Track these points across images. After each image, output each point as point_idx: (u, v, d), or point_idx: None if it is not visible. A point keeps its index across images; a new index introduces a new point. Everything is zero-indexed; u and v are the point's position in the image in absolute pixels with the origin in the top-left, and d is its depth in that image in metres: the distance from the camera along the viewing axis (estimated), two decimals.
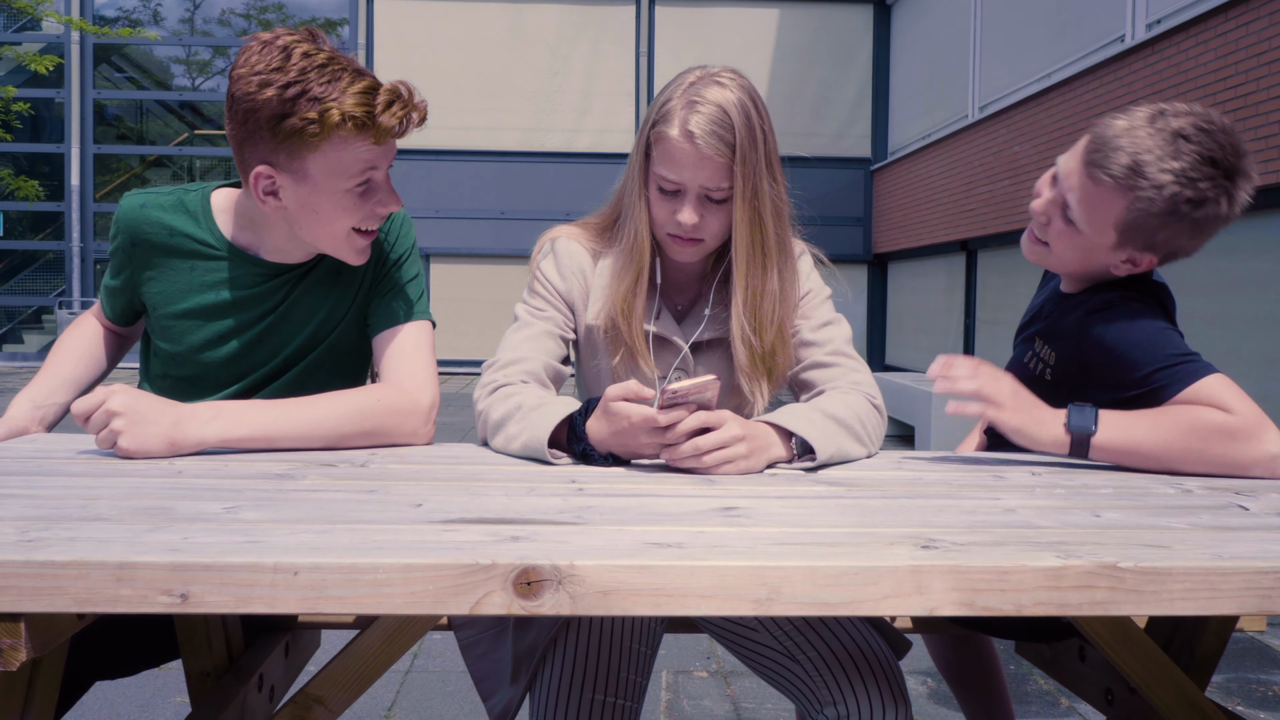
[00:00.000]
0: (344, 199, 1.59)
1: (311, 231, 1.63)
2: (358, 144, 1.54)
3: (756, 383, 1.74)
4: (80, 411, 1.47)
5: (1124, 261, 1.64)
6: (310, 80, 1.49)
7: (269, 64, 1.50)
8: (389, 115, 1.54)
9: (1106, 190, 1.56)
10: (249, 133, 1.54)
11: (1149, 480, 1.45)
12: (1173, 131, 1.53)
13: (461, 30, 14.56)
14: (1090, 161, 1.58)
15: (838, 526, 1.11)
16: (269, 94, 1.49)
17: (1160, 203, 1.53)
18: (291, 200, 1.59)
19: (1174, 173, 1.51)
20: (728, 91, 1.64)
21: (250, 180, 1.58)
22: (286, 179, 1.57)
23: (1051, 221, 1.66)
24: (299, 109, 1.49)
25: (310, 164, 1.54)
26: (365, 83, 1.53)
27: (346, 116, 1.50)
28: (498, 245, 14.49)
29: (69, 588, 0.91)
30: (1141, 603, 0.97)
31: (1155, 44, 7.23)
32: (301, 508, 1.14)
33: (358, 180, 1.58)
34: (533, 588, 0.93)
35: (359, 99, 1.51)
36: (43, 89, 14.67)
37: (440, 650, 3.42)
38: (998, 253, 10.40)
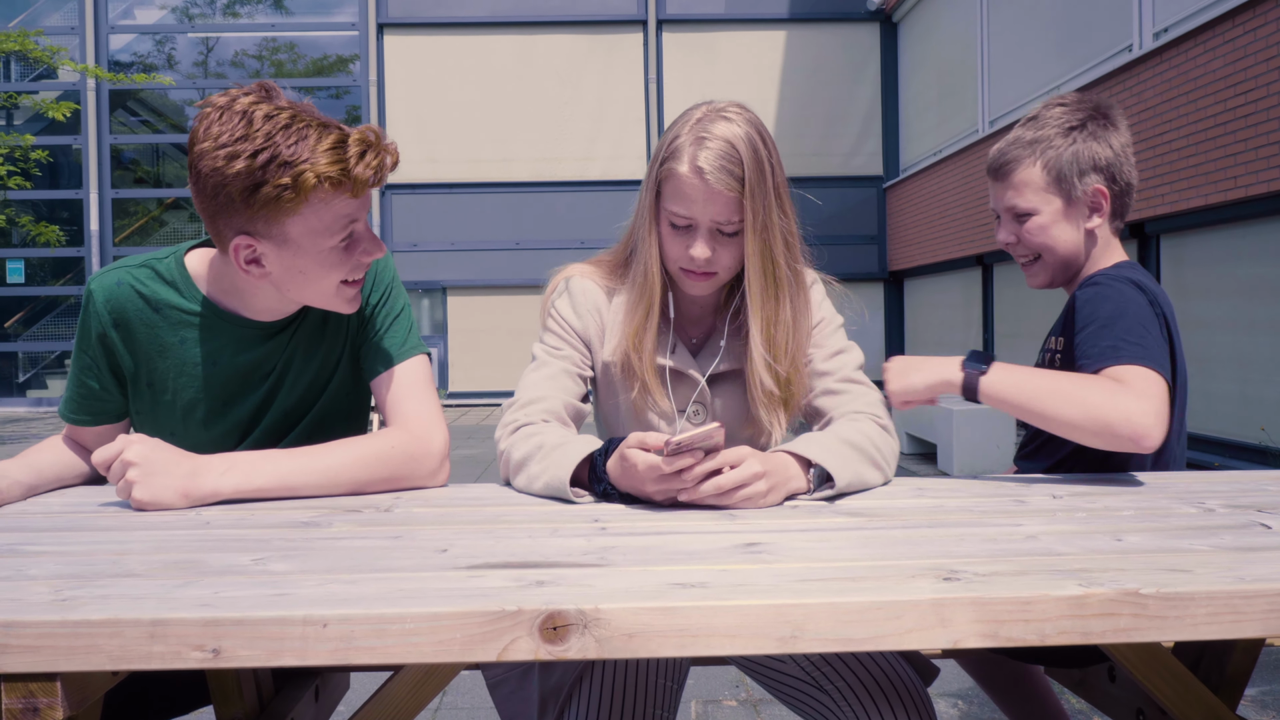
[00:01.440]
0: (329, 256, 1.55)
1: (300, 292, 1.61)
2: (336, 201, 1.51)
3: (774, 413, 1.75)
4: (100, 461, 1.48)
5: (1091, 214, 1.84)
6: (278, 144, 1.45)
7: (232, 133, 1.45)
8: (363, 167, 1.50)
9: (1018, 172, 1.85)
10: (221, 205, 1.49)
11: (1171, 500, 1.45)
12: (1027, 118, 1.90)
13: (471, 63, 14.68)
14: (993, 170, 1.91)
15: (859, 560, 1.11)
16: (238, 166, 1.44)
17: (1060, 142, 1.82)
18: (276, 266, 1.55)
19: (1050, 124, 1.84)
20: (735, 126, 1.65)
21: (230, 252, 1.54)
22: (268, 245, 1.53)
23: (1019, 236, 1.88)
24: (271, 176, 1.45)
25: (290, 228, 1.51)
26: (333, 136, 1.49)
27: (322, 177, 1.46)
28: (513, 276, 14.55)
29: (104, 646, 0.92)
30: (1165, 628, 0.97)
31: (1163, 52, 7.24)
32: (328, 557, 1.16)
33: (341, 236, 1.55)
34: (559, 633, 0.93)
35: (331, 156, 1.47)
36: (60, 136, 14.85)
37: (469, 687, 3.42)
38: (1013, 266, 10.38)
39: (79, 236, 15.04)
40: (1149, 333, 1.63)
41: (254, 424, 1.73)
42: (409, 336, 1.75)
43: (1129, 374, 1.57)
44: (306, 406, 1.74)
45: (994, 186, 1.92)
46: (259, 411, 1.72)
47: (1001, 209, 1.91)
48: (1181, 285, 7.21)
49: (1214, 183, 6.58)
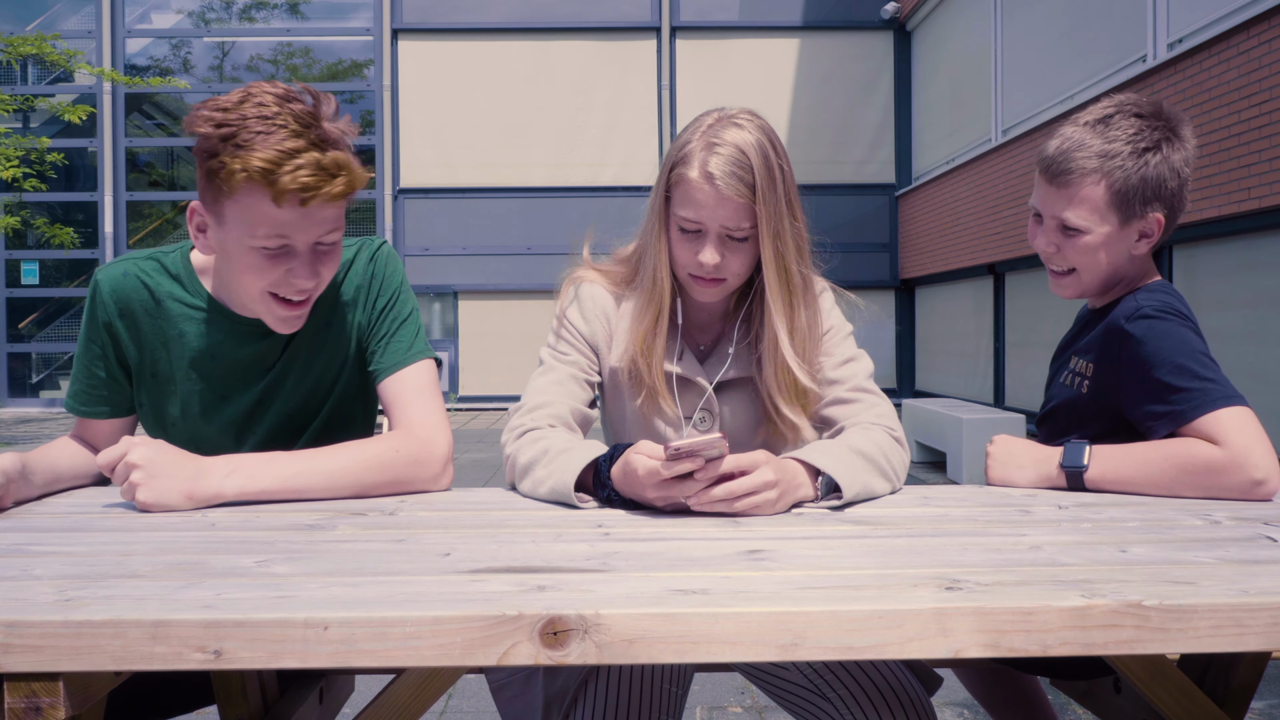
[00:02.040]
0: (250, 255, 1.55)
1: (232, 280, 1.62)
2: (262, 202, 1.50)
3: (796, 418, 1.75)
4: (104, 463, 1.49)
5: (1139, 239, 1.73)
6: (247, 127, 1.47)
7: (224, 103, 1.50)
8: (290, 179, 1.46)
9: (1081, 186, 1.71)
10: (197, 167, 1.54)
11: (1176, 512, 1.44)
12: (1094, 120, 1.73)
13: (485, 68, 14.72)
14: (1052, 176, 1.74)
15: (862, 568, 1.11)
16: (207, 130, 1.48)
17: (1129, 163, 1.68)
18: (214, 241, 1.58)
19: (1120, 139, 1.69)
20: (745, 133, 1.66)
21: (188, 215, 1.59)
22: (210, 219, 1.56)
23: (1060, 247, 1.76)
24: (222, 151, 1.47)
25: (226, 209, 1.52)
26: (297, 144, 1.47)
27: (248, 169, 1.46)
28: (524, 281, 14.57)
29: (106, 646, 0.93)
30: (1168, 641, 0.97)
31: (1178, 63, 7.22)
32: (332, 560, 1.16)
33: (265, 241, 1.53)
34: (559, 638, 0.94)
35: (272, 155, 1.46)
36: (76, 138, 14.92)
37: (474, 690, 3.42)
38: (1025, 275, 10.36)
39: (94, 239, 15.11)
40: (1214, 363, 1.61)
41: (254, 420, 1.74)
42: (416, 340, 1.75)
43: (1224, 422, 1.54)
44: (314, 409, 1.75)
45: (1045, 188, 1.77)
46: (258, 408, 1.73)
47: (1048, 214, 1.77)
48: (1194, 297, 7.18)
49: (1227, 194, 6.55)
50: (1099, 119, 1.72)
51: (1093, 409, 1.71)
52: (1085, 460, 1.62)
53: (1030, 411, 9.24)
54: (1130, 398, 1.66)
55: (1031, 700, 2.10)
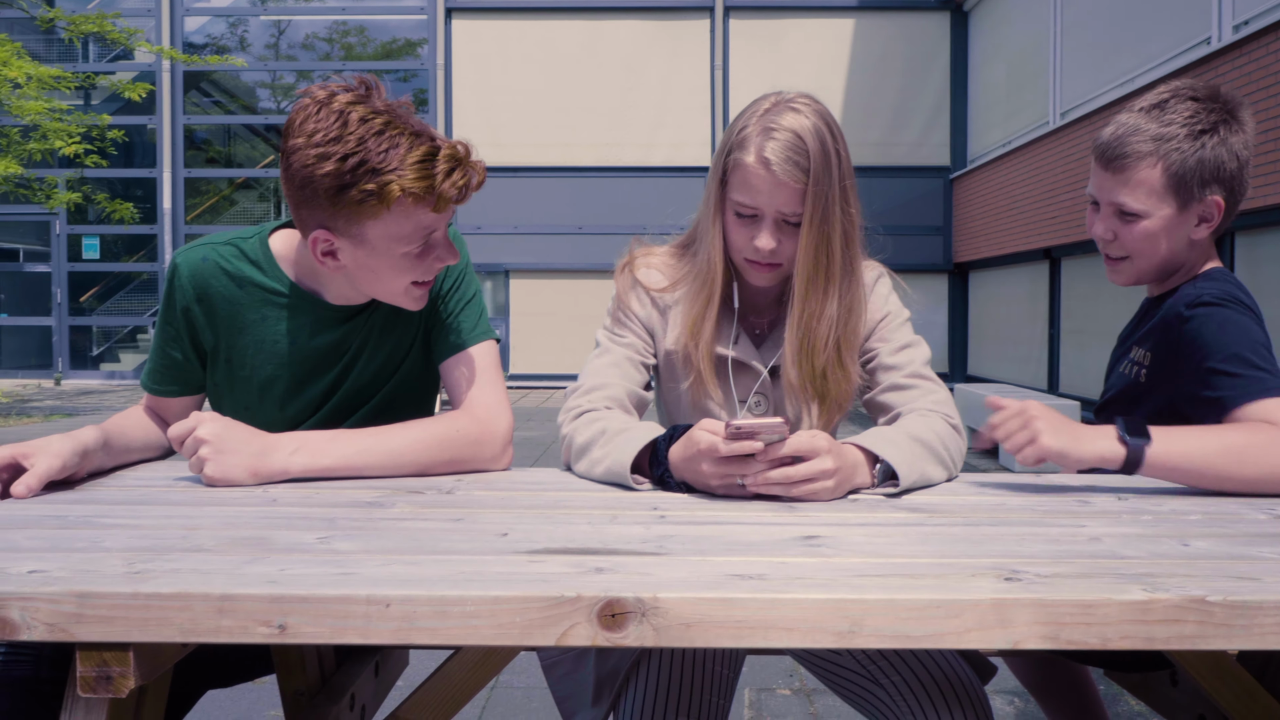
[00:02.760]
0: (402, 261, 1.58)
1: (370, 288, 1.64)
2: (417, 213, 1.53)
3: (805, 406, 1.75)
4: (174, 436, 1.53)
5: (1199, 224, 1.71)
6: (369, 149, 1.47)
7: (326, 133, 1.47)
8: (449, 185, 1.51)
9: (1139, 170, 1.69)
10: (306, 198, 1.52)
11: (1239, 505, 1.42)
12: (1149, 105, 1.72)
13: (538, 47, 14.72)
14: (1108, 161, 1.72)
15: (919, 557, 1.11)
16: (327, 168, 1.47)
17: (1186, 146, 1.67)
18: (349, 261, 1.58)
19: (1176, 122, 1.68)
20: (803, 118, 1.65)
21: (309, 242, 1.58)
22: (345, 242, 1.56)
23: (1118, 234, 1.74)
24: (358, 180, 1.47)
25: (369, 230, 1.53)
26: (423, 149, 1.50)
27: (407, 191, 1.48)
28: (575, 260, 14.59)
29: (174, 619, 0.95)
30: (1231, 637, 0.95)
31: (1243, 45, 7.06)
32: (391, 538, 1.18)
33: (417, 245, 1.57)
34: (617, 620, 0.94)
35: (418, 170, 1.48)
36: (136, 115, 15.14)
37: (524, 667, 3.46)
38: (1082, 260, 10.21)
39: (152, 214, 15.34)
40: (1272, 357, 1.58)
41: (324, 402, 1.76)
42: (479, 322, 1.77)
43: (1273, 410, 1.51)
44: (376, 387, 1.77)
45: (1101, 174, 1.75)
46: (331, 391, 1.75)
47: (1105, 200, 1.76)
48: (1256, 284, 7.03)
49: None
50: (1154, 104, 1.72)
51: (1149, 396, 1.69)
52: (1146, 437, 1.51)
53: (1086, 399, 9.13)
54: (1184, 385, 1.63)
55: (1082, 690, 2.09)
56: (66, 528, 1.21)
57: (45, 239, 15.63)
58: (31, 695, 1.38)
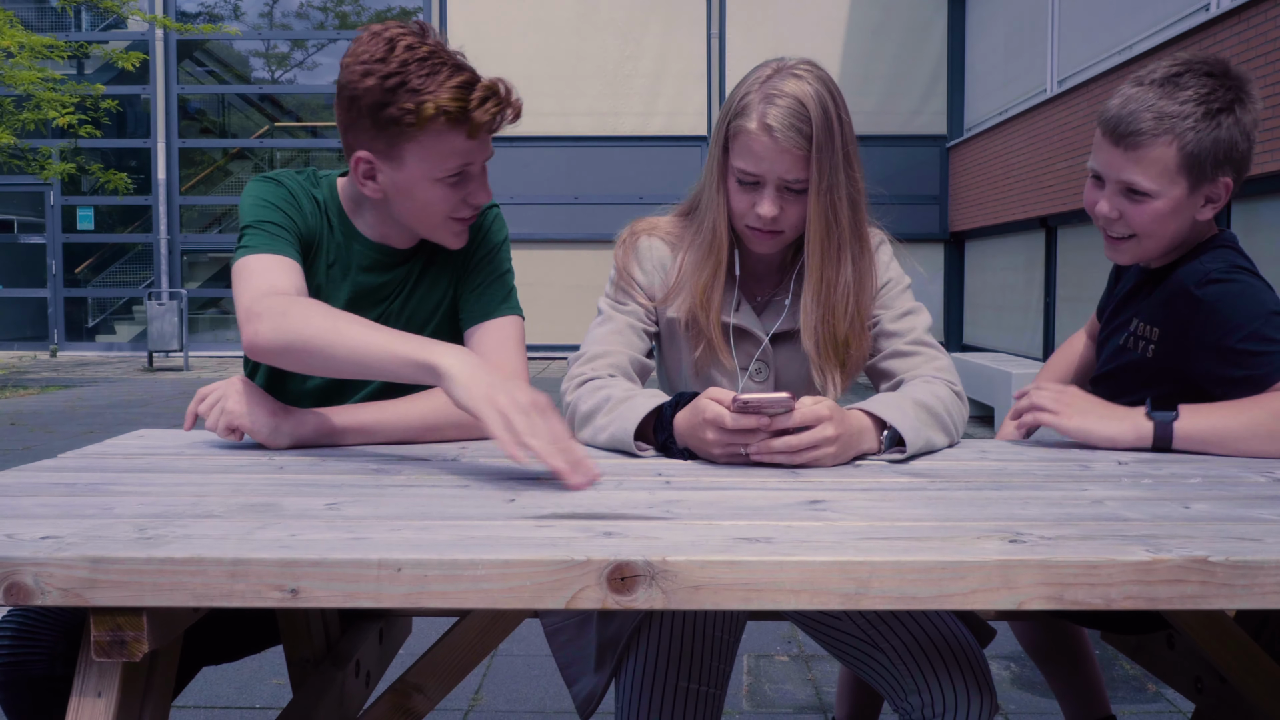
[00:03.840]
0: (436, 188, 1.62)
1: (407, 214, 1.68)
2: (452, 137, 1.58)
3: (830, 374, 1.75)
4: (203, 392, 1.57)
5: (1205, 204, 1.68)
6: (410, 72, 1.54)
7: (373, 54, 1.55)
8: (482, 111, 1.57)
9: (1151, 148, 1.63)
10: (353, 119, 1.59)
11: (1239, 468, 1.44)
12: (1162, 78, 1.66)
13: (533, 15, 14.62)
14: (1119, 137, 1.65)
15: (924, 520, 1.12)
16: (370, 83, 1.54)
17: (1200, 124, 1.61)
18: (388, 184, 1.64)
19: (1191, 99, 1.62)
20: (804, 84, 1.64)
21: (352, 163, 1.64)
22: (384, 164, 1.62)
23: (1124, 213, 1.69)
24: (397, 99, 1.54)
25: (406, 152, 1.59)
26: (463, 77, 1.57)
27: (441, 110, 1.54)
28: (571, 230, 14.56)
29: (187, 583, 0.96)
30: (1233, 597, 0.97)
31: (1242, 12, 7.02)
32: (400, 504, 1.19)
33: (451, 171, 1.62)
34: (626, 583, 0.95)
35: (455, 93, 1.55)
36: (129, 85, 15.06)
37: (526, 635, 3.48)
38: (1078, 229, 10.20)
39: (146, 185, 15.28)
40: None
41: None
42: (509, 297, 1.81)
43: None
44: None
45: (1109, 150, 1.68)
46: None
47: (1112, 178, 1.68)
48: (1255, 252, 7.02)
49: None
50: (1167, 77, 1.65)
51: (1158, 373, 1.69)
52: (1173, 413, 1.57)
53: None
54: (1204, 364, 1.63)
55: (1076, 651, 2.11)
56: (76, 495, 1.22)
57: (40, 210, 15.57)
58: (50, 692, 1.40)
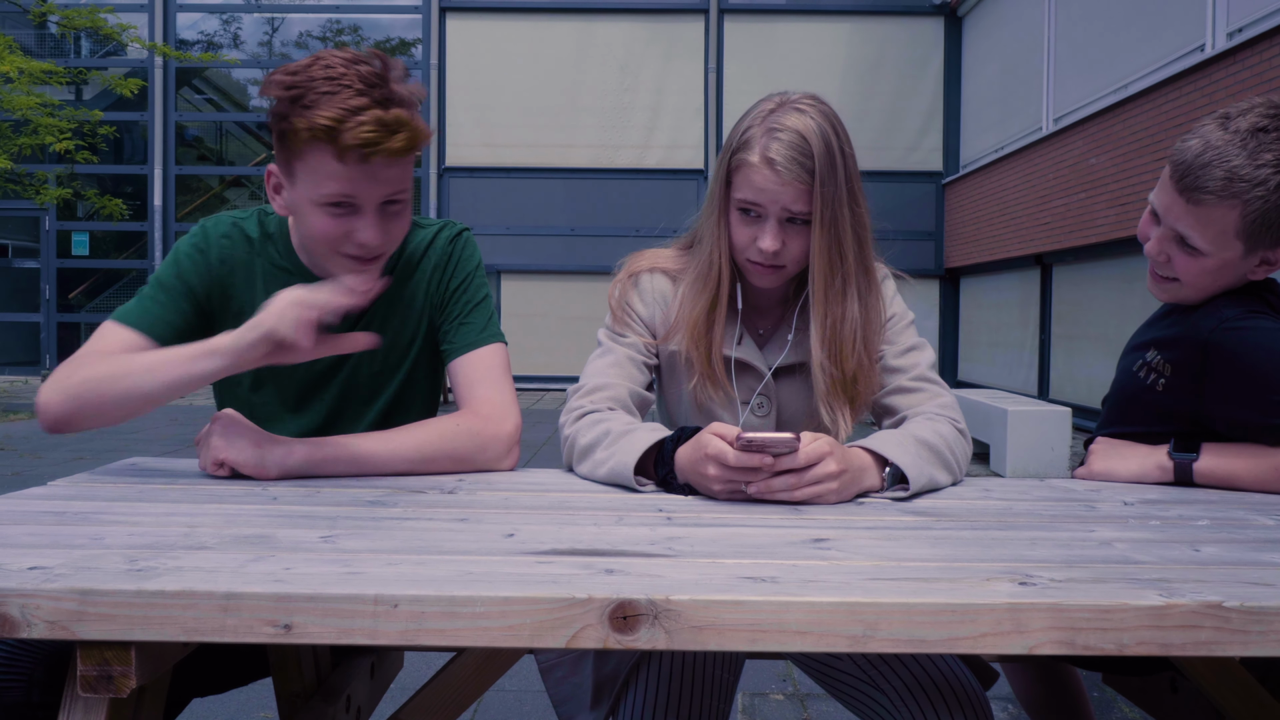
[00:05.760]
0: (319, 213, 1.58)
1: (305, 239, 1.67)
2: (326, 158, 1.52)
3: (839, 410, 1.73)
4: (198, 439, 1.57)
5: (1259, 265, 1.64)
6: (315, 88, 1.50)
7: (297, 66, 1.54)
8: (352, 134, 1.48)
9: (1214, 208, 1.57)
10: (272, 131, 1.59)
11: (1246, 510, 1.42)
12: (1247, 130, 1.55)
13: (532, 48, 14.70)
14: (1185, 188, 1.59)
15: (930, 560, 1.10)
16: (278, 93, 1.53)
17: (1273, 197, 1.55)
18: (287, 200, 1.63)
19: (1270, 164, 1.53)
20: (807, 118, 1.64)
21: (265, 176, 1.65)
22: (284, 180, 1.61)
23: (1172, 258, 1.66)
24: (291, 113, 1.52)
25: (296, 168, 1.57)
26: (359, 101, 1.49)
27: (312, 126, 1.49)
28: (568, 261, 14.57)
29: (178, 617, 0.93)
30: (1248, 643, 0.95)
31: (1237, 53, 7.08)
32: (397, 537, 1.16)
33: (329, 197, 1.55)
34: (628, 622, 0.93)
35: (336, 113, 1.48)
36: (127, 112, 15.08)
37: (519, 670, 3.44)
38: (1073, 267, 10.23)
39: (142, 211, 15.27)
40: None
41: (319, 389, 1.77)
42: (489, 324, 1.78)
43: None
44: (380, 386, 1.78)
45: (1171, 194, 1.62)
46: (325, 376, 1.76)
47: (1168, 223, 1.64)
48: None
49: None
50: (1254, 129, 1.55)
51: (1166, 409, 1.67)
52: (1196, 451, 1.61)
53: (1076, 405, 9.14)
54: (1223, 408, 1.62)
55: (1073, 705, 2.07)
56: (65, 524, 1.20)
57: (34, 235, 15.55)
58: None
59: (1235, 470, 1.59)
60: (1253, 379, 1.57)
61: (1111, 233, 8.79)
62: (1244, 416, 1.59)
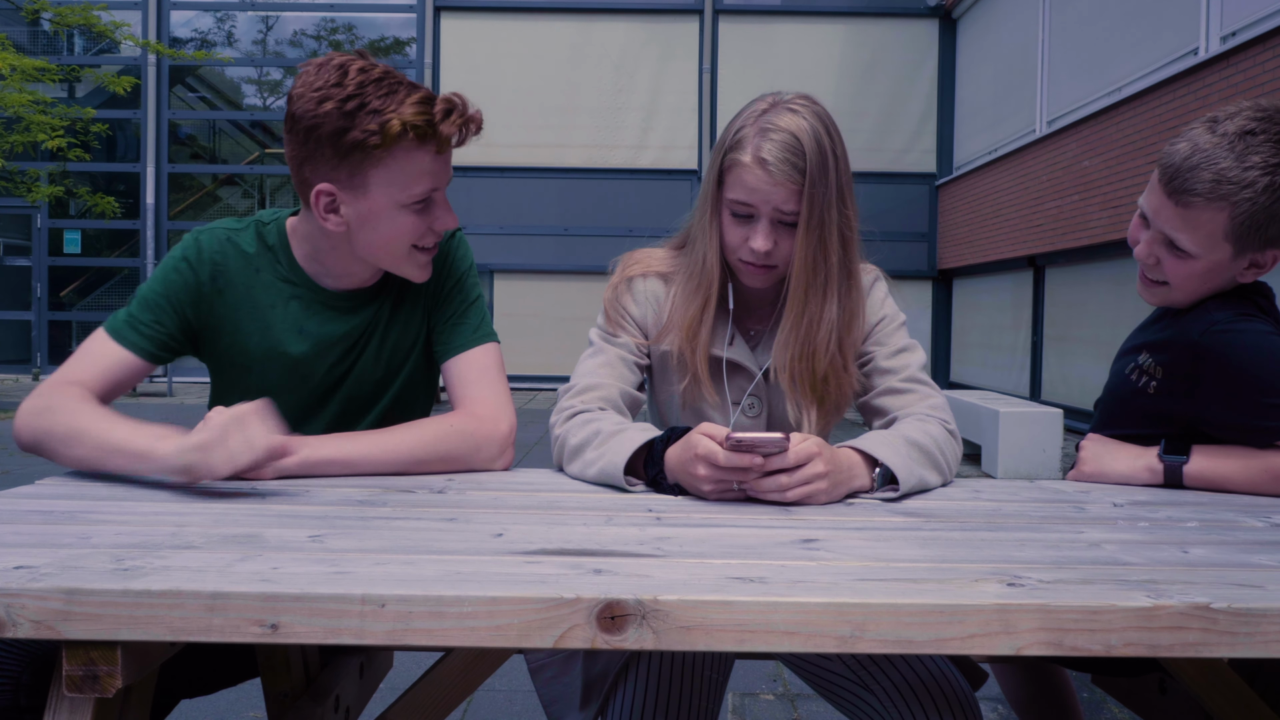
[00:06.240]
0: (402, 215, 1.59)
1: (370, 248, 1.64)
2: (419, 155, 1.55)
3: (806, 410, 1.73)
4: None
5: (1248, 268, 1.64)
6: (368, 93, 1.51)
7: (327, 81, 1.52)
8: (448, 124, 1.55)
9: (1202, 210, 1.57)
10: (310, 151, 1.55)
11: (1235, 513, 1.42)
12: (1234, 132, 1.55)
13: (527, 48, 14.69)
14: (1173, 191, 1.59)
15: (919, 561, 1.10)
16: (328, 108, 1.50)
17: (1260, 199, 1.55)
18: (352, 216, 1.60)
19: (1258, 166, 1.53)
20: (799, 118, 1.64)
21: (312, 198, 1.59)
22: (347, 194, 1.58)
23: (1161, 260, 1.66)
24: (360, 122, 1.50)
25: (372, 178, 1.56)
26: (421, 94, 1.55)
27: (408, 126, 1.51)
28: (562, 261, 14.57)
29: (164, 617, 0.93)
30: (1235, 645, 0.95)
31: (1230, 57, 7.10)
32: (385, 536, 1.16)
33: (419, 195, 1.58)
34: (616, 622, 0.93)
35: (418, 109, 1.52)
36: (120, 109, 15.04)
37: (509, 670, 3.43)
38: (1066, 269, 10.25)
39: (135, 209, 15.24)
40: None
41: (326, 399, 1.75)
42: (482, 324, 1.78)
43: None
44: (382, 390, 1.77)
45: (1160, 196, 1.62)
46: (333, 387, 1.75)
47: (1157, 225, 1.64)
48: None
49: None
50: (1239, 132, 1.55)
51: (1157, 412, 1.68)
52: (1185, 455, 1.62)
53: (1068, 407, 9.16)
54: (1214, 410, 1.62)
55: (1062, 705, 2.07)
56: (53, 523, 1.19)
57: (26, 233, 15.50)
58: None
59: (1225, 472, 1.60)
60: (1243, 382, 1.57)
61: (1104, 235, 8.81)
62: (1234, 419, 1.60)
